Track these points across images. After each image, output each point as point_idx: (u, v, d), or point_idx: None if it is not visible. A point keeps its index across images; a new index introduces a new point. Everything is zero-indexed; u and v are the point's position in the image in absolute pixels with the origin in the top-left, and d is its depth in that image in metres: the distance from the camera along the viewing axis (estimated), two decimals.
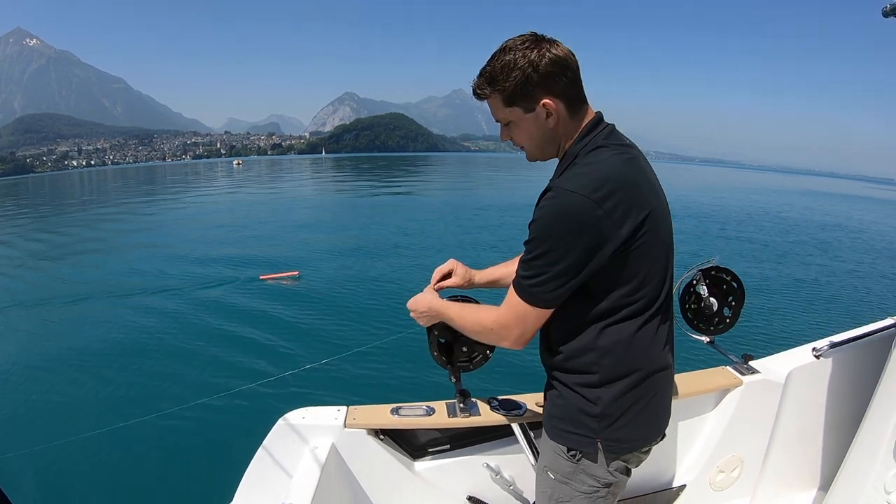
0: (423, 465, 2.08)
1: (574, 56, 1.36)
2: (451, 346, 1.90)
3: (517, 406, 1.99)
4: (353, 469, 1.96)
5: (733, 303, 2.28)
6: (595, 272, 1.32)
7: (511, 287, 1.40)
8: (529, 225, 1.33)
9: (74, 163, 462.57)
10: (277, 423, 1.91)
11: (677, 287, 2.11)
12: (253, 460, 1.77)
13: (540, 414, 1.91)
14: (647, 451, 1.55)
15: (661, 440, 1.56)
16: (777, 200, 44.72)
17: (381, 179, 63.31)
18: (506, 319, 1.41)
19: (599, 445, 1.45)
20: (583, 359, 1.42)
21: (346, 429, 1.92)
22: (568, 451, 1.48)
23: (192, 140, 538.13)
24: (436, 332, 1.87)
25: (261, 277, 13.47)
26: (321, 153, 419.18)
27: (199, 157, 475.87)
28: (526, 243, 1.34)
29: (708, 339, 2.34)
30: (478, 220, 24.41)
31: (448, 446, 2.10)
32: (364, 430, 1.94)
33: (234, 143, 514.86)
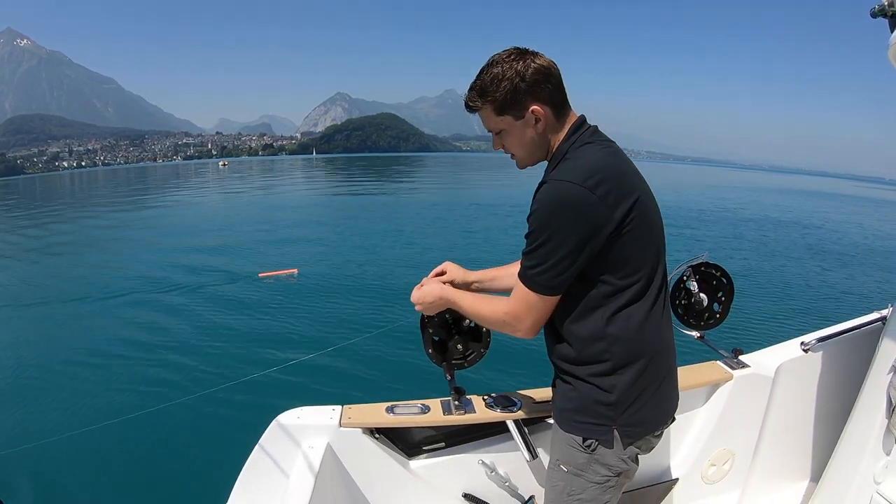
0: (419, 463, 2.08)
1: (556, 65, 1.47)
2: (445, 343, 1.93)
3: (511, 402, 2.01)
4: (349, 468, 1.97)
5: (723, 298, 2.32)
6: (594, 257, 1.39)
7: (518, 279, 1.47)
8: (528, 218, 1.41)
9: (65, 164, 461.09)
10: (272, 423, 1.91)
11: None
12: (248, 461, 1.77)
13: (535, 409, 1.99)
14: (660, 435, 1.60)
15: (671, 423, 1.62)
16: (753, 198, 45.91)
17: (370, 179, 65.01)
18: (516, 310, 1.47)
19: (616, 433, 1.49)
20: (593, 348, 1.47)
21: (341, 428, 1.92)
22: (584, 442, 1.52)
23: (184, 141, 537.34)
24: (430, 331, 1.90)
25: (259, 275, 13.63)
26: (312, 154, 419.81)
27: (191, 157, 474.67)
28: (527, 236, 1.41)
29: (698, 335, 2.37)
30: (468, 217, 25.48)
31: (443, 444, 2.11)
32: (359, 430, 1.95)
33: (225, 144, 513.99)
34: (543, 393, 2.05)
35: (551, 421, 1.87)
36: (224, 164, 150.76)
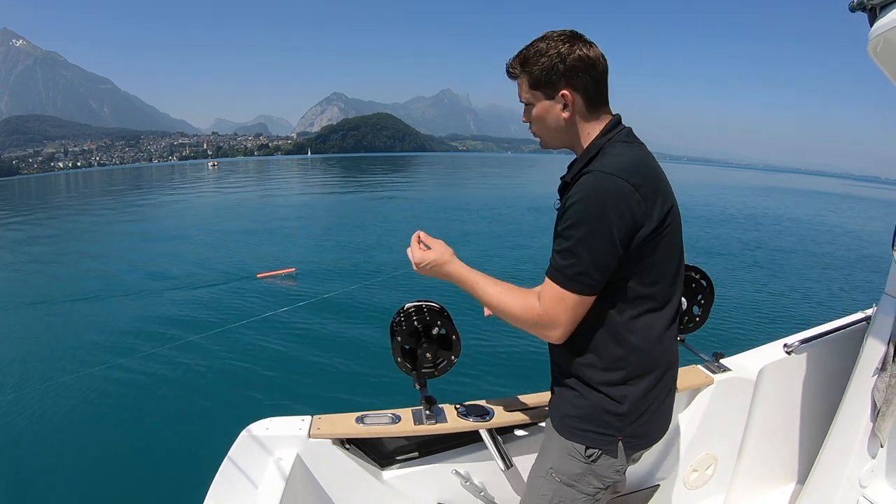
0: (392, 473, 2.04)
1: (604, 60, 1.43)
2: (415, 352, 1.86)
3: (484, 411, 1.98)
4: (320, 480, 1.93)
5: (703, 301, 2.28)
6: (625, 260, 1.32)
7: (548, 279, 1.37)
8: (565, 210, 1.33)
9: (61, 164, 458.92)
10: (240, 435, 1.87)
11: None
12: (217, 474, 1.72)
13: (508, 417, 1.96)
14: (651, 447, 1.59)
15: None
16: (743, 198, 46.42)
17: (363, 179, 65.58)
18: (553, 313, 1.35)
19: (620, 444, 1.46)
20: (610, 355, 1.42)
21: (310, 439, 1.88)
22: (586, 451, 1.48)
23: (179, 141, 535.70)
24: (399, 339, 1.84)
25: (258, 276, 13.73)
26: (307, 154, 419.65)
27: (186, 157, 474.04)
28: (563, 230, 1.32)
29: (678, 339, 2.18)
30: (464, 217, 25.90)
31: (416, 454, 2.08)
32: (329, 440, 1.91)
33: (220, 144, 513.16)
34: (516, 401, 2.04)
35: (524, 431, 1.92)
36: (214, 165, 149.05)
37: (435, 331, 1.85)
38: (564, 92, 1.40)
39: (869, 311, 2.40)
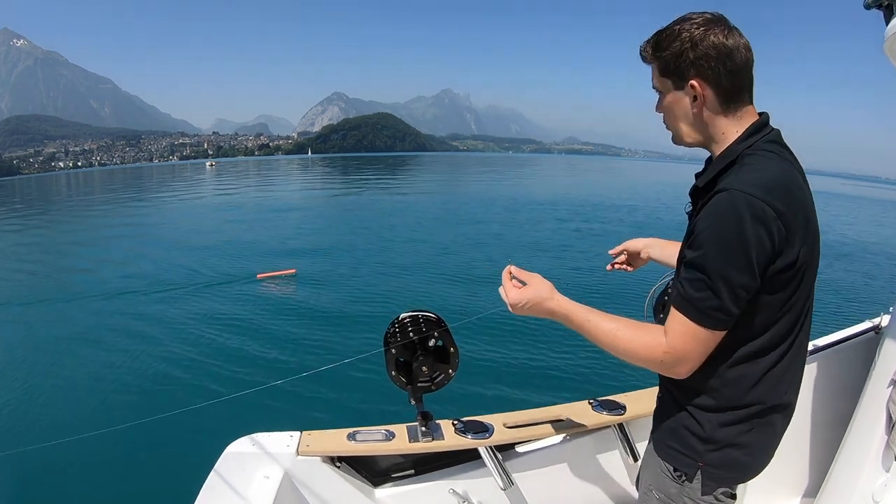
0: (385, 492, 1.97)
1: (745, 51, 1.27)
2: (410, 365, 1.78)
3: (483, 428, 1.90)
4: (309, 499, 1.85)
5: None
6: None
7: (678, 311, 1.25)
8: (697, 234, 1.21)
9: (61, 164, 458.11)
10: (225, 451, 1.80)
11: (649, 297, 1.97)
12: (199, 494, 1.65)
13: (508, 434, 1.91)
14: (744, 481, 1.48)
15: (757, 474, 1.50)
16: None
17: (359, 179, 66.86)
18: (683, 350, 1.25)
19: (700, 472, 1.38)
20: (704, 382, 1.33)
21: (299, 456, 1.81)
22: (674, 471, 1.42)
23: (180, 141, 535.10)
24: (393, 351, 1.75)
25: (258, 276, 13.84)
26: (307, 154, 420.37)
27: (187, 157, 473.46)
28: (697, 258, 1.21)
29: None
30: (439, 213, 26.29)
31: (412, 472, 2.00)
32: (319, 458, 1.84)
33: (221, 144, 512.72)
34: (517, 417, 1.97)
35: (525, 448, 1.86)
36: (212, 165, 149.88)
37: (431, 343, 1.76)
38: (693, 83, 1.27)
39: (877, 320, 2.35)
